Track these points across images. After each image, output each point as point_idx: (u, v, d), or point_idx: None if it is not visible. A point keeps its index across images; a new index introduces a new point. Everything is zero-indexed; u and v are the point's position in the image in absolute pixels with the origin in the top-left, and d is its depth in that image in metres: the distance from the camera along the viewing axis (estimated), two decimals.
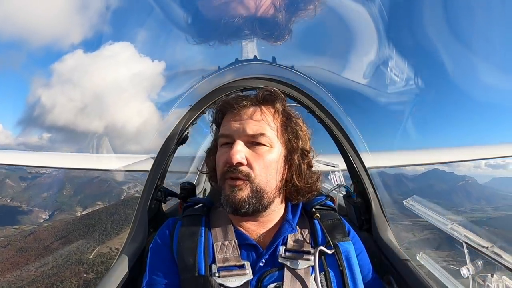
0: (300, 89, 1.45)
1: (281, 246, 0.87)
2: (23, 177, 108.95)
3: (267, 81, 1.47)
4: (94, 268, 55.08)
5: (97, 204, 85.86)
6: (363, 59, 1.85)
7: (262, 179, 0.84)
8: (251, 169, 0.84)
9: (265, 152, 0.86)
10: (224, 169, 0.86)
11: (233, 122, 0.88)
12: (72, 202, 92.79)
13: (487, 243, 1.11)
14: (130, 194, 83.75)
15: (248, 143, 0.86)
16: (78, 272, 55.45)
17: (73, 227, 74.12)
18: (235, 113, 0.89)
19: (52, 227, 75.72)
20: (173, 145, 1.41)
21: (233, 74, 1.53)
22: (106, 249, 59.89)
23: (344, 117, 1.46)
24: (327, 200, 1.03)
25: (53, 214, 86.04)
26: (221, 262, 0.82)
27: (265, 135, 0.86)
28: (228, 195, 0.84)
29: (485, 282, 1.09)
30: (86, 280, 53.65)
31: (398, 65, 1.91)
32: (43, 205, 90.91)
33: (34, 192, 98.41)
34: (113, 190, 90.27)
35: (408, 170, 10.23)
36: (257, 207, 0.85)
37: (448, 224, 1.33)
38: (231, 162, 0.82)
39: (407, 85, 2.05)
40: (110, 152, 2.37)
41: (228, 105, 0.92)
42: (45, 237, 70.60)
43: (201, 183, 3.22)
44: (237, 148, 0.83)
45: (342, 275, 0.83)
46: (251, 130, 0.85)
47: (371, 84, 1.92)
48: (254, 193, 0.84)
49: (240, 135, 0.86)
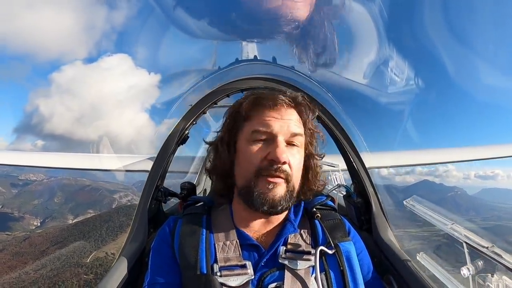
0: (300, 89, 1.45)
1: (282, 246, 0.87)
2: (14, 183, 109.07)
3: (267, 81, 1.47)
4: (93, 270, 55.59)
5: (88, 213, 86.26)
6: (363, 59, 1.86)
7: (295, 179, 0.87)
8: (290, 168, 0.85)
9: (298, 153, 0.88)
10: (262, 164, 0.83)
11: (274, 119, 0.86)
12: (63, 210, 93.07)
13: (487, 243, 1.11)
14: (122, 203, 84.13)
15: (286, 142, 0.87)
16: (78, 273, 56.04)
17: (68, 233, 74.49)
18: (274, 109, 0.88)
19: (47, 233, 76.15)
20: (173, 145, 1.41)
21: (233, 74, 1.53)
22: (102, 253, 60.43)
23: (344, 117, 1.46)
24: (328, 200, 1.03)
25: (45, 222, 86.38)
26: (223, 262, 0.82)
27: (302, 137, 0.89)
28: (265, 192, 0.83)
29: (485, 282, 1.09)
30: (86, 281, 54.22)
31: (398, 65, 1.91)
32: (35, 212, 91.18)
33: (25, 199, 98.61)
34: (105, 199, 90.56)
35: (398, 181, 10.21)
36: (288, 205, 0.86)
37: (448, 224, 1.33)
38: (279, 160, 0.81)
39: (407, 85, 2.05)
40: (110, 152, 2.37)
41: (269, 100, 0.89)
42: (40, 242, 70.93)
43: (201, 183, 3.23)
44: (283, 146, 0.84)
45: (342, 275, 0.83)
46: (295, 130, 0.87)
47: (371, 84, 1.92)
48: (288, 191, 0.85)
49: (283, 132, 0.85)
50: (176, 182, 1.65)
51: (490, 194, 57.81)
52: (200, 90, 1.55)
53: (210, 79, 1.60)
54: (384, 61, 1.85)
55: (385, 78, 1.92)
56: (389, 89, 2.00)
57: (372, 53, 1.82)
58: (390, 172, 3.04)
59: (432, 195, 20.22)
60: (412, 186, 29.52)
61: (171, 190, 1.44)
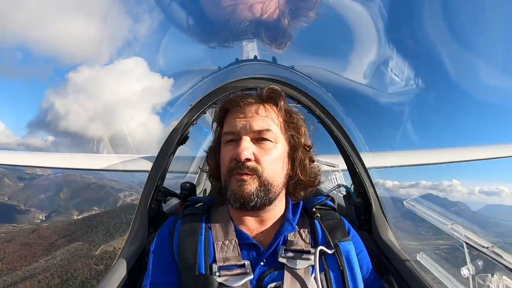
0: (300, 89, 1.45)
1: (281, 245, 0.87)
2: (21, 177, 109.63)
3: (267, 81, 1.46)
4: (103, 261, 56.84)
5: (93, 209, 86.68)
6: (363, 59, 1.86)
7: (269, 173, 0.86)
8: (259, 164, 0.85)
9: (271, 148, 0.88)
10: (231, 165, 0.86)
11: (238, 120, 0.90)
12: (68, 205, 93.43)
13: (487, 243, 1.11)
14: (126, 202, 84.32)
15: (254, 139, 0.88)
16: (88, 263, 57.36)
17: (75, 227, 75.00)
18: (240, 110, 0.91)
19: (55, 226, 76.73)
20: (173, 145, 1.40)
21: (233, 74, 1.53)
22: (110, 247, 61.24)
23: (344, 117, 1.46)
24: (327, 200, 1.03)
25: (50, 216, 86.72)
26: (222, 262, 0.82)
27: (271, 131, 0.88)
28: (235, 189, 0.84)
29: (485, 282, 1.09)
30: (97, 271, 55.23)
31: (398, 65, 1.91)
32: (40, 206, 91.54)
33: (31, 193, 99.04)
34: (110, 197, 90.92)
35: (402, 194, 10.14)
36: (265, 200, 0.85)
37: (448, 224, 1.33)
38: (239, 158, 0.83)
39: (407, 85, 2.05)
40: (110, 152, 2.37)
41: (232, 102, 0.93)
42: (48, 235, 71.67)
43: (201, 183, 3.22)
44: (244, 144, 0.84)
45: (342, 275, 0.83)
46: (257, 126, 0.87)
47: (371, 84, 1.92)
48: (262, 186, 0.84)
49: (246, 131, 0.87)
50: (176, 182, 1.65)
51: (494, 210, 57.07)
52: (200, 90, 1.55)
53: (210, 79, 1.60)
54: (384, 61, 1.85)
55: (385, 78, 1.92)
56: (389, 89, 2.00)
57: (372, 53, 1.82)
58: (395, 184, 3.04)
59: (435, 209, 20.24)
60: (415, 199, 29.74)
61: (171, 190, 1.44)
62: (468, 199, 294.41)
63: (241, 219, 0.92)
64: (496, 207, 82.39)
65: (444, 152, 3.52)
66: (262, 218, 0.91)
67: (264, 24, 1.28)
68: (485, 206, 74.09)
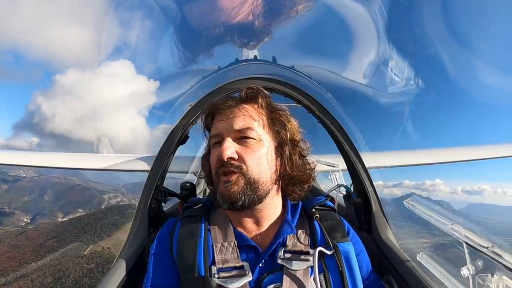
0: (300, 89, 1.45)
1: (280, 247, 0.87)
2: (4, 179, 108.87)
3: (267, 81, 1.47)
4: (93, 260, 57.09)
5: (78, 211, 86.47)
6: (363, 59, 1.85)
7: (254, 170, 0.85)
8: (243, 162, 0.85)
9: (254, 145, 0.88)
10: (217, 166, 0.88)
11: (220, 122, 0.92)
12: (53, 208, 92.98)
13: (487, 243, 1.11)
14: (111, 203, 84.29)
15: (237, 139, 0.88)
16: (79, 262, 57.49)
17: (63, 228, 75.08)
18: (222, 113, 0.93)
19: (42, 228, 76.62)
20: (173, 145, 1.41)
21: (233, 74, 1.53)
22: (99, 248, 61.55)
23: (344, 117, 1.46)
24: (327, 200, 1.03)
25: (35, 218, 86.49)
26: (221, 263, 0.82)
27: (252, 129, 0.88)
28: (223, 190, 0.85)
29: (485, 282, 1.09)
30: (88, 269, 55.59)
31: (398, 65, 1.91)
32: (25, 209, 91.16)
33: (15, 195, 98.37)
34: (94, 199, 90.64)
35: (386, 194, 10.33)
36: (253, 198, 0.85)
37: (448, 224, 1.33)
38: (222, 158, 0.84)
39: (407, 85, 2.05)
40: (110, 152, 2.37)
41: (214, 107, 0.96)
42: (36, 237, 71.69)
43: (201, 183, 3.22)
44: (226, 144, 0.86)
45: (341, 276, 0.83)
46: (238, 126, 0.88)
47: (371, 84, 1.92)
48: (248, 184, 0.84)
49: (228, 132, 0.89)
50: (176, 182, 1.65)
51: (476, 209, 56.71)
52: (200, 90, 1.55)
53: (210, 79, 1.60)
54: (384, 61, 1.85)
55: (385, 78, 1.92)
56: (389, 89, 2.00)
57: (372, 53, 1.82)
58: (379, 184, 3.15)
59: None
60: (399, 198, 29.90)
61: (171, 190, 1.44)
62: (451, 198, 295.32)
63: (239, 220, 0.92)
64: (478, 206, 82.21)
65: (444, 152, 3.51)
66: (257, 218, 0.91)
67: (237, 28, 1.29)
68: (468, 205, 73.73)
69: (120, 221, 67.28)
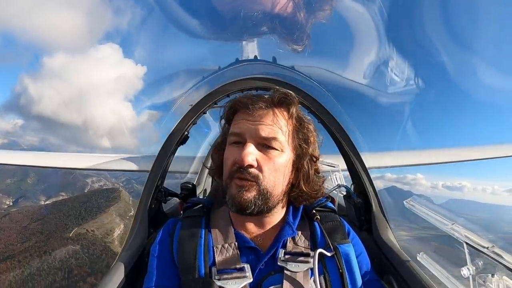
0: (300, 89, 1.45)
1: (280, 249, 0.86)
2: None
3: (267, 81, 1.47)
4: (79, 242, 57.63)
5: (61, 195, 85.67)
6: (363, 59, 1.85)
7: (270, 182, 0.84)
8: (261, 171, 0.83)
9: (276, 156, 0.85)
10: (233, 168, 0.85)
11: (245, 122, 0.87)
12: (36, 191, 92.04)
13: (487, 243, 1.11)
14: (94, 187, 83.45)
15: (259, 145, 0.85)
16: (65, 244, 57.96)
17: (47, 211, 74.84)
18: (249, 113, 0.87)
19: (26, 210, 76.45)
20: (173, 145, 1.41)
21: (233, 74, 1.53)
22: (83, 230, 61.92)
23: (344, 117, 1.46)
24: (328, 201, 1.03)
25: (17, 201, 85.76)
26: (221, 265, 0.82)
27: (277, 139, 0.85)
28: (234, 194, 0.83)
29: (485, 282, 1.09)
30: (74, 250, 56.07)
31: (398, 65, 1.91)
32: (7, 192, 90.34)
33: None
34: (77, 182, 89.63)
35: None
36: (262, 208, 0.84)
37: (448, 224, 1.33)
38: (242, 164, 0.81)
39: (407, 85, 2.05)
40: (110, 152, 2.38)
41: (242, 103, 0.90)
42: (20, 219, 71.59)
43: (201, 183, 3.22)
44: (249, 149, 0.82)
45: (341, 278, 0.83)
46: (264, 133, 0.84)
47: (371, 84, 1.91)
48: (260, 195, 0.83)
49: (252, 136, 0.85)
50: (176, 182, 1.65)
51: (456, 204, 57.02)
52: (200, 90, 1.55)
53: (210, 79, 1.60)
54: (384, 61, 1.85)
55: (385, 78, 1.92)
56: (389, 89, 2.00)
57: (372, 53, 1.82)
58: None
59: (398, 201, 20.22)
60: (380, 191, 29.73)
61: (171, 190, 1.45)
62: (431, 193, 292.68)
63: (241, 222, 0.91)
64: (458, 201, 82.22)
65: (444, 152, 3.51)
66: (261, 222, 0.91)
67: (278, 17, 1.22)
68: (448, 200, 73.68)
69: (104, 205, 66.81)
